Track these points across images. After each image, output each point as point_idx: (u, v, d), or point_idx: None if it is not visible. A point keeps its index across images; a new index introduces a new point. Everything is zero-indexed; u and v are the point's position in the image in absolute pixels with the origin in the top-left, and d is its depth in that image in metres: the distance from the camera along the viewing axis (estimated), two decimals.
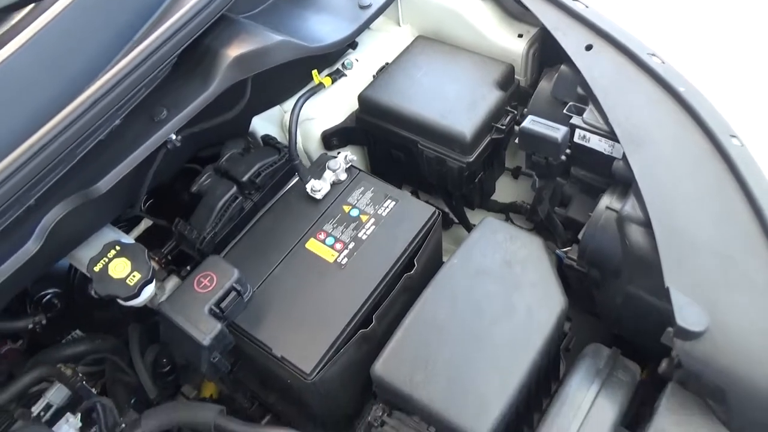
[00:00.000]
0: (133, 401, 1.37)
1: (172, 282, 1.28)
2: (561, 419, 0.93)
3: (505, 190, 1.58)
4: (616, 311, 1.14)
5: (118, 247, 1.13)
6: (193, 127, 1.20)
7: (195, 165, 1.41)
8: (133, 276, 1.11)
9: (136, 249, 1.14)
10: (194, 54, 1.16)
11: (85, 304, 1.48)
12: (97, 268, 1.11)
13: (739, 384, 0.84)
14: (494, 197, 1.57)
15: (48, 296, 1.43)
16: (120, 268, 1.12)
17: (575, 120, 1.12)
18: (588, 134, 1.11)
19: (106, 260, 1.12)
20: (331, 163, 1.30)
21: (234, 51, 1.15)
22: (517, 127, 1.29)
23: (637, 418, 1.03)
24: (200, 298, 1.09)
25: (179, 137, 1.16)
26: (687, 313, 0.86)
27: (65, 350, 1.35)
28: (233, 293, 1.11)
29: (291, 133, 1.28)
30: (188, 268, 1.27)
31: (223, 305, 1.09)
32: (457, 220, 1.58)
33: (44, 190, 1.01)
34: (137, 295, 1.12)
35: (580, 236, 1.12)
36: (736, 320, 0.86)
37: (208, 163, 1.34)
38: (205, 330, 1.05)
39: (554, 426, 0.93)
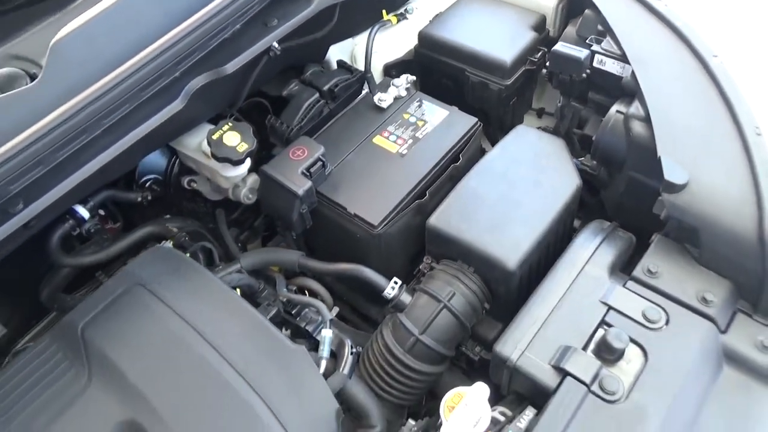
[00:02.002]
0: None
1: (252, 178, 1.58)
2: (573, 256, 1.22)
3: None
4: (619, 199, 1.43)
5: (230, 123, 1.44)
6: (292, 41, 1.51)
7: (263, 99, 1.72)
8: (242, 145, 1.41)
9: (244, 126, 1.44)
10: None
11: (177, 195, 1.78)
12: (215, 137, 1.41)
13: (709, 224, 1.13)
14: None
15: (150, 181, 1.73)
16: (232, 138, 1.41)
17: (595, 47, 1.43)
18: (605, 59, 1.42)
19: (222, 132, 1.42)
20: (396, 81, 1.60)
21: None
22: (545, 70, 1.61)
23: None
24: (295, 163, 1.39)
25: (280, 47, 1.47)
26: (673, 171, 1.16)
27: (163, 222, 1.64)
28: (319, 163, 1.40)
29: (368, 48, 1.60)
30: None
31: (312, 170, 1.39)
32: None
33: (186, 67, 1.33)
34: (243, 161, 1.42)
35: (594, 138, 1.42)
36: (709, 179, 1.16)
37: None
38: (299, 184, 1.35)
39: (568, 261, 1.22)
